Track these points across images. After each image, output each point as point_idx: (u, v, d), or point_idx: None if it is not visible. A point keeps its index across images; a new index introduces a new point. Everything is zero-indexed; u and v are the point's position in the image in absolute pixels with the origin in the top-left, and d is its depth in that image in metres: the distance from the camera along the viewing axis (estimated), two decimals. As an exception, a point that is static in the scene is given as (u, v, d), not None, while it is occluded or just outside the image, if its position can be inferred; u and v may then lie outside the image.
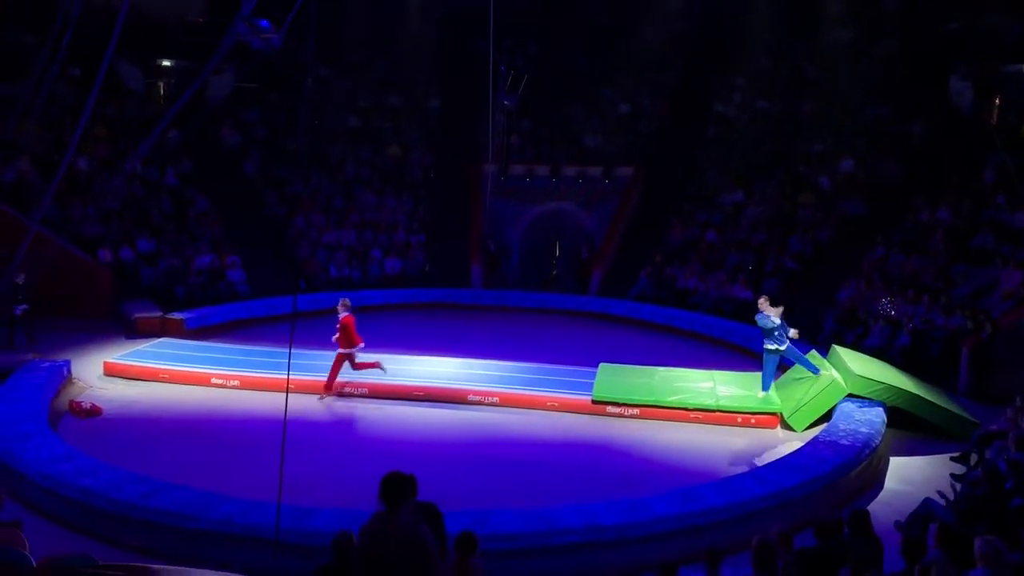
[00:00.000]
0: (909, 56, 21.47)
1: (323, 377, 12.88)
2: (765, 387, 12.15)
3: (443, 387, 12.83)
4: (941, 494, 8.65)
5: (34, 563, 3.49)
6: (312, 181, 22.66)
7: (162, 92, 24.52)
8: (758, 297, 12.57)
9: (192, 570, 2.37)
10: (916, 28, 21.99)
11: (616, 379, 12.87)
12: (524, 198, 22.67)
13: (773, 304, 12.02)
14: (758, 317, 11.96)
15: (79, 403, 11.87)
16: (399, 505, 4.74)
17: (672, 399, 12.05)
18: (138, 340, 15.27)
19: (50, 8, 17.86)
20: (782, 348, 11.96)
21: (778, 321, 11.85)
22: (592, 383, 12.58)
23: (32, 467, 8.93)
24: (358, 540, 4.78)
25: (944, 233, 16.61)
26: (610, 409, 12.08)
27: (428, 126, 25.12)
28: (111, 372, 13.55)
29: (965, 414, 11.51)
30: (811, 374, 12.03)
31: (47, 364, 12.68)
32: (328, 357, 13.93)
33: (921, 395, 11.46)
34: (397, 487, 4.74)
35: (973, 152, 18.29)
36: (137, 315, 16.33)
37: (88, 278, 17.20)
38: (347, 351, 12.60)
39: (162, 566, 2.27)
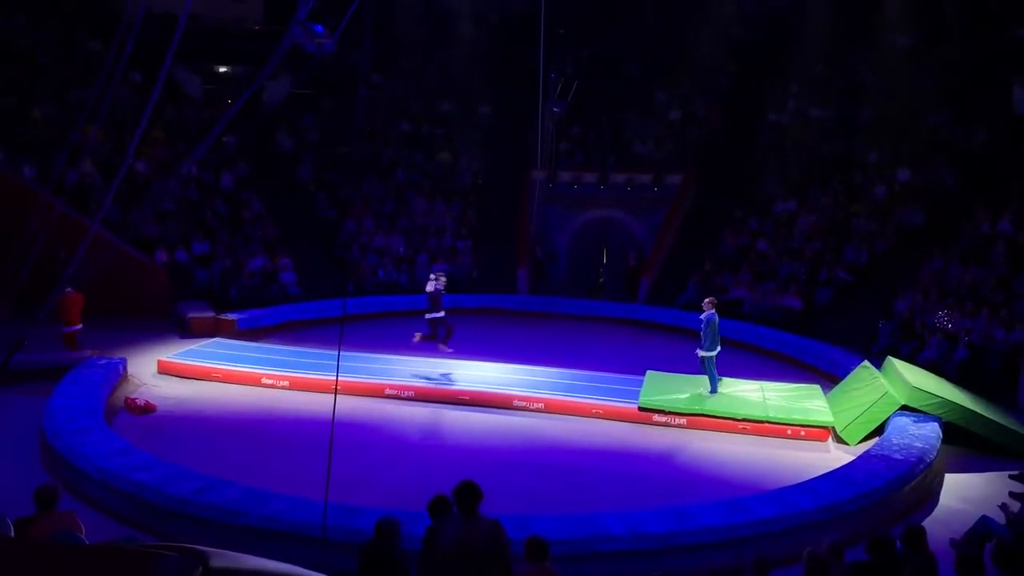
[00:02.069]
0: (971, 63, 20.94)
1: (370, 379, 13.05)
2: (714, 389, 12.48)
3: (489, 392, 12.86)
4: (1004, 507, 8.40)
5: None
6: (364, 186, 22.94)
7: (219, 98, 25.07)
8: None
9: (239, 555, 2.41)
10: (978, 34, 21.44)
11: (663, 387, 12.75)
12: (572, 204, 22.65)
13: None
14: (709, 316, 12.42)
15: (134, 400, 12.17)
16: (474, 510, 5.15)
17: (720, 409, 11.89)
18: (192, 339, 15.61)
19: (115, 16, 18.39)
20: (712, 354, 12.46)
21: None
22: (638, 391, 12.48)
23: (89, 461, 9.17)
24: (442, 540, 5.16)
25: (1005, 244, 16.15)
26: (656, 418, 11.97)
27: (478, 132, 25.23)
28: (165, 370, 13.88)
29: (1025, 431, 11.16)
30: (863, 384, 11.82)
31: (104, 361, 13.04)
32: (376, 360, 14.13)
33: (978, 411, 11.12)
34: (472, 494, 5.18)
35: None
36: (191, 315, 16.69)
37: (145, 279, 17.64)
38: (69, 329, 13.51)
39: (211, 549, 2.32)
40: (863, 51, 22.43)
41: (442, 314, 14.24)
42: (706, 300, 12.84)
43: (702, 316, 12.60)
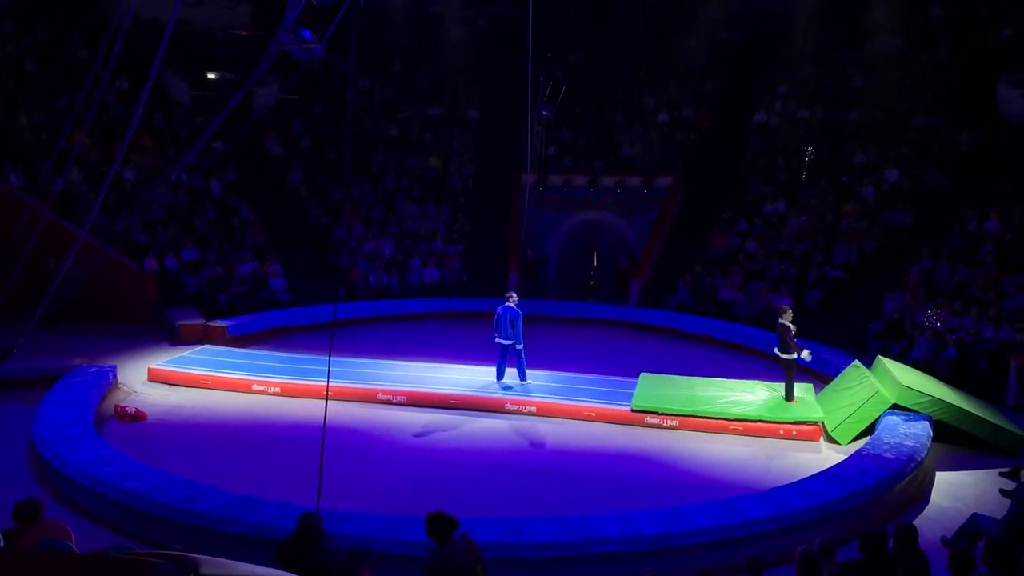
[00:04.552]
0: (957, 64, 21.09)
1: (362, 384, 13.01)
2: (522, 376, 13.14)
3: (481, 396, 12.84)
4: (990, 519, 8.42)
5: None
6: (353, 191, 22.92)
7: (207, 104, 25.04)
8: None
9: (230, 561, 2.41)
10: (965, 36, 21.59)
11: (656, 389, 12.77)
12: (562, 208, 22.66)
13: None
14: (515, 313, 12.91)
15: (124, 408, 12.11)
16: (449, 536, 5.40)
17: (713, 409, 11.91)
18: (182, 347, 15.54)
19: (103, 22, 18.34)
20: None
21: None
22: (631, 393, 12.49)
23: (78, 469, 9.12)
24: (429, 570, 5.40)
25: (993, 244, 16.25)
26: (649, 420, 11.97)
27: (468, 136, 25.24)
28: (155, 378, 13.80)
29: (1014, 428, 11.20)
30: (853, 383, 11.90)
31: (94, 369, 12.97)
32: (367, 365, 14.09)
33: (968, 409, 11.17)
34: (444, 523, 5.44)
35: (1023, 161, 17.88)
36: (181, 322, 16.61)
37: (134, 286, 17.57)
38: None
39: (202, 556, 2.31)
40: (850, 53, 22.54)
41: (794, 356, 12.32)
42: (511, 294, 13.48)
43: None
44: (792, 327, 12.27)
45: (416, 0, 25.85)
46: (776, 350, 12.36)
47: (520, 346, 12.93)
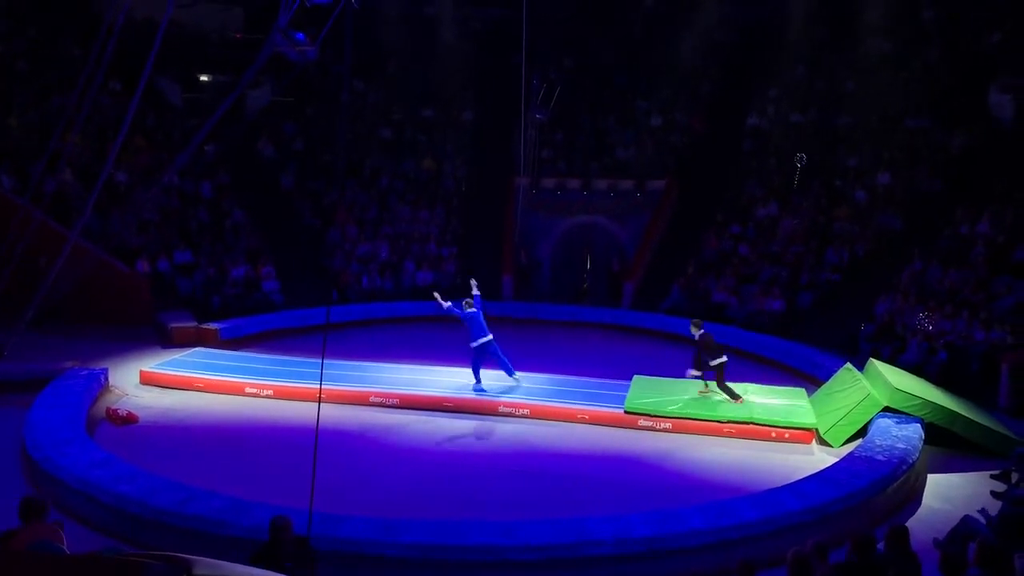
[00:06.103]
0: (949, 68, 21.20)
1: (355, 387, 12.98)
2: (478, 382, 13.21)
3: (474, 398, 12.84)
4: (983, 512, 8.45)
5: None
6: (347, 193, 22.89)
7: (200, 106, 24.99)
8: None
9: (223, 563, 2.41)
10: (957, 40, 21.70)
11: (649, 391, 12.78)
12: (556, 211, 22.67)
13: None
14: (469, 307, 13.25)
15: (116, 411, 12.06)
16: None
17: (705, 412, 11.93)
18: (174, 349, 15.48)
19: (96, 22, 18.29)
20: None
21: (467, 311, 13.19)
22: (624, 396, 12.50)
23: (70, 473, 9.07)
24: None
25: (984, 246, 16.32)
26: (642, 422, 11.99)
27: (461, 139, 25.24)
28: (147, 381, 13.75)
29: (1006, 431, 11.25)
30: (845, 386, 11.93)
31: (85, 372, 12.90)
32: (360, 367, 14.07)
33: (959, 411, 11.21)
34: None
35: (1014, 164, 17.97)
36: (173, 325, 16.55)
37: (127, 288, 17.51)
38: None
39: (194, 557, 2.30)
40: (842, 56, 22.62)
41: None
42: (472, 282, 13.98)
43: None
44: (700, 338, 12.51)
45: (410, 2, 25.84)
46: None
47: (474, 344, 13.12)
